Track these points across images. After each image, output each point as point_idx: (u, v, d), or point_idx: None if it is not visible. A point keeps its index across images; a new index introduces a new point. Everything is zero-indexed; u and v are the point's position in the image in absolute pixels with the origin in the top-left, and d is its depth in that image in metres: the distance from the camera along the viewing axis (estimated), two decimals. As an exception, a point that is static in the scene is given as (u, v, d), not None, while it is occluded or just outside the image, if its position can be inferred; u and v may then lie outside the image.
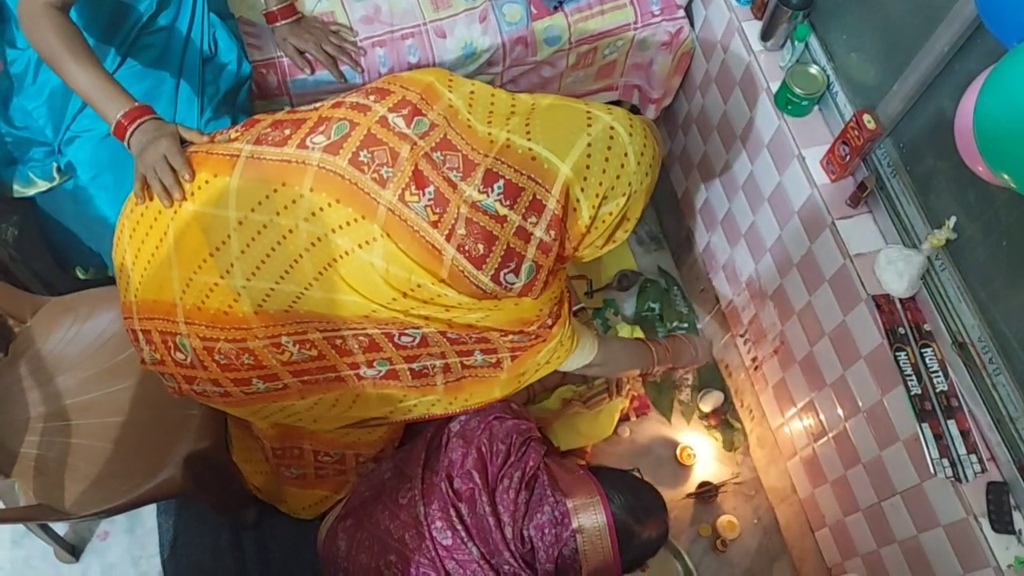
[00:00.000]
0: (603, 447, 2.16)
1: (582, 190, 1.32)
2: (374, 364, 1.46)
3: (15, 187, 1.74)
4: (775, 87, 1.72)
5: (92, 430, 1.60)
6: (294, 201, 1.28)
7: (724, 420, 2.23)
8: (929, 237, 1.43)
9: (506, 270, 1.30)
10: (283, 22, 1.73)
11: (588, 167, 1.32)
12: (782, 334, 1.89)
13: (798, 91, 1.65)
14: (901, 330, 1.49)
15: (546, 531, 1.48)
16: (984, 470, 1.39)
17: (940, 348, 1.47)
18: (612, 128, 1.36)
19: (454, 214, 1.27)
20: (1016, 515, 1.37)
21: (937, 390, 1.44)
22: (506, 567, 1.44)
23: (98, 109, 1.35)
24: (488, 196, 1.28)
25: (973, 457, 1.39)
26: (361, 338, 1.41)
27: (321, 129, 1.32)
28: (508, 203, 1.28)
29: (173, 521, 1.93)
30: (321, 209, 1.27)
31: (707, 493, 2.12)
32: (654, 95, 2.13)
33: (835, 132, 1.65)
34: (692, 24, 2.00)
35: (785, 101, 1.69)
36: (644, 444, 2.19)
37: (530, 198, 1.29)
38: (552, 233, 1.32)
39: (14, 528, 1.93)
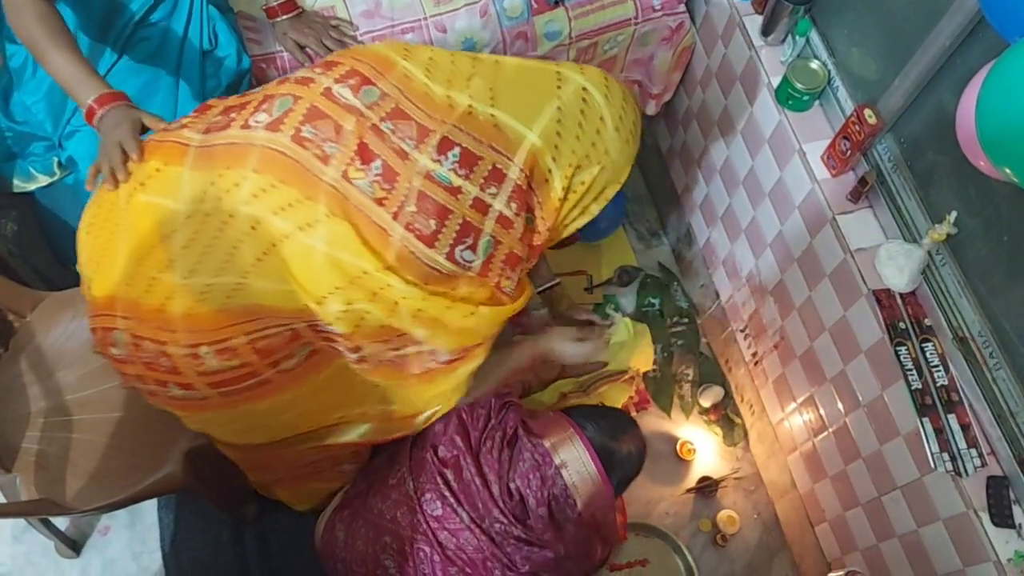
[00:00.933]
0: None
1: (554, 159, 1.25)
2: (294, 354, 1.33)
3: (15, 182, 1.74)
4: (776, 82, 1.72)
5: (93, 425, 1.60)
6: (237, 184, 1.22)
7: (724, 415, 2.23)
8: (930, 232, 1.43)
9: (462, 246, 1.22)
10: (283, 17, 1.73)
11: (559, 134, 1.25)
12: (782, 329, 1.89)
13: (799, 86, 1.65)
14: (902, 325, 1.49)
15: (531, 477, 1.47)
16: (984, 464, 1.39)
17: (941, 343, 1.47)
18: (585, 90, 1.29)
19: (404, 189, 1.19)
20: (1016, 509, 1.37)
21: (937, 384, 1.44)
22: (497, 526, 1.43)
23: (73, 94, 1.33)
24: (442, 165, 1.20)
25: (973, 451, 1.40)
26: (285, 331, 1.29)
27: (264, 107, 1.26)
28: (464, 172, 1.21)
29: (174, 516, 1.93)
30: (264, 190, 1.21)
31: (707, 488, 2.12)
32: (654, 90, 2.13)
33: (836, 127, 1.65)
34: (693, 19, 1.99)
35: (786, 96, 1.69)
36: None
37: (489, 167, 1.22)
38: (514, 206, 1.24)
39: (15, 523, 1.93)
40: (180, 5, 1.58)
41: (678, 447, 2.17)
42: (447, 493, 1.45)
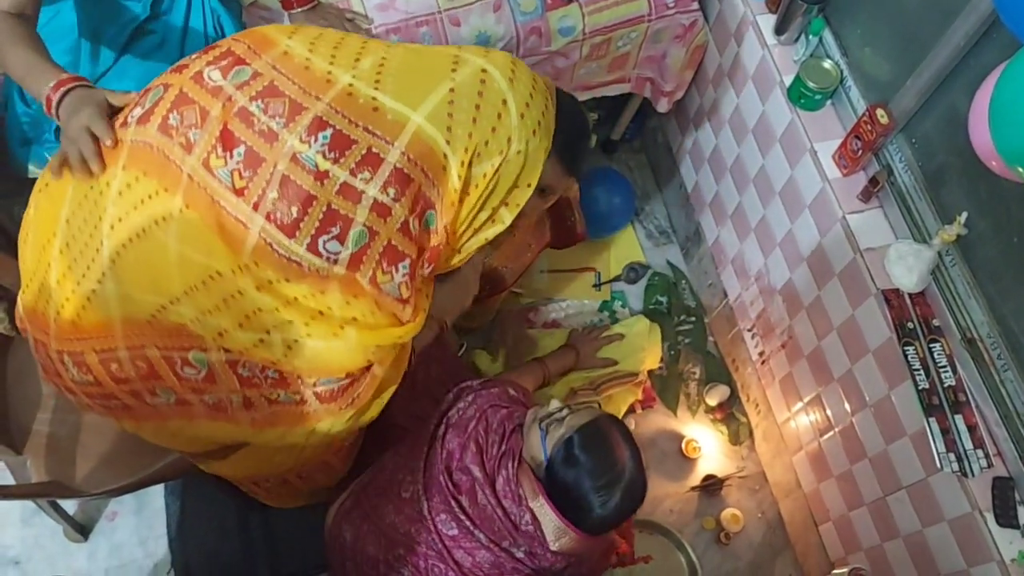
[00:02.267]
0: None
1: (448, 143, 1.14)
2: (157, 392, 1.23)
3: (31, 167, 1.75)
4: (788, 81, 1.72)
5: (103, 409, 1.61)
6: (108, 184, 1.15)
7: (730, 414, 2.23)
8: (940, 232, 1.44)
9: (326, 236, 1.11)
10: (299, 9, 1.73)
11: (451, 115, 1.14)
12: (790, 328, 1.89)
13: (811, 85, 1.65)
14: (910, 325, 1.49)
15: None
16: (990, 465, 1.39)
17: (949, 343, 1.48)
18: (484, 71, 1.19)
19: (267, 175, 1.10)
20: (1021, 510, 1.38)
21: (945, 385, 1.45)
22: (519, 552, 1.41)
23: (30, 88, 1.24)
24: (310, 147, 1.10)
25: (979, 452, 1.40)
26: (139, 363, 1.19)
27: (141, 101, 1.19)
28: (333, 156, 1.10)
29: (180, 502, 1.94)
30: (128, 186, 1.14)
31: (712, 486, 2.13)
32: (667, 88, 2.13)
33: (847, 126, 1.65)
34: (706, 17, 1.99)
35: (798, 95, 1.69)
36: (649, 436, 2.20)
37: (363, 152, 1.11)
38: (392, 191, 1.12)
39: (24, 506, 1.94)
40: (180, 1, 1.59)
41: (683, 445, 2.17)
42: (463, 517, 1.40)
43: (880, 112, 1.51)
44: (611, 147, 2.57)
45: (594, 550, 1.47)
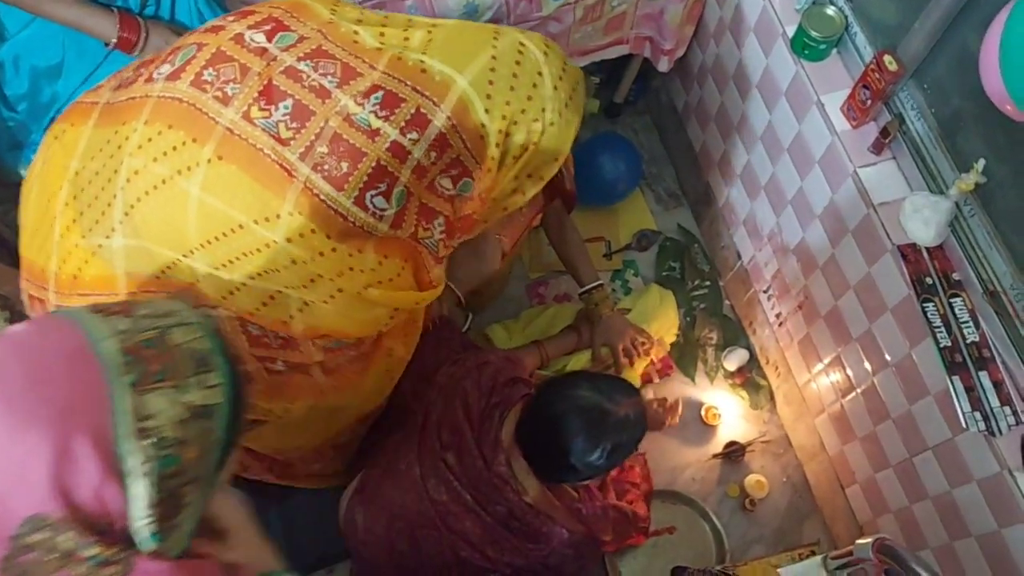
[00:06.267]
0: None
1: (487, 111, 1.17)
2: None
3: (22, 171, 1.73)
4: (791, 31, 1.64)
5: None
6: (127, 138, 1.13)
7: (749, 378, 2.18)
8: (957, 182, 1.37)
9: (373, 191, 1.11)
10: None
11: (492, 82, 1.17)
12: (806, 288, 1.83)
13: (815, 34, 1.57)
14: (929, 280, 1.43)
15: None
16: (1019, 422, 1.34)
17: (970, 297, 1.41)
18: (522, 44, 1.23)
19: (317, 128, 1.09)
20: (1053, 468, 1.32)
21: (968, 341, 1.38)
22: (499, 508, 1.41)
23: (94, 33, 1.38)
24: (364, 108, 1.11)
25: (1007, 409, 1.34)
26: None
27: (169, 58, 1.17)
28: (385, 114, 1.11)
29: (198, 499, 1.94)
30: (149, 139, 1.11)
31: (734, 453, 2.08)
32: (667, 46, 2.06)
33: (855, 76, 1.57)
34: (703, -31, 1.92)
35: (802, 45, 1.61)
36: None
37: (412, 110, 1.12)
38: (432, 155, 1.15)
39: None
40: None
41: (703, 412, 2.13)
42: (451, 477, 1.42)
43: (888, 58, 1.43)
44: (615, 111, 2.50)
45: (575, 538, 1.45)
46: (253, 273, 1.12)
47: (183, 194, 1.10)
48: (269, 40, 1.15)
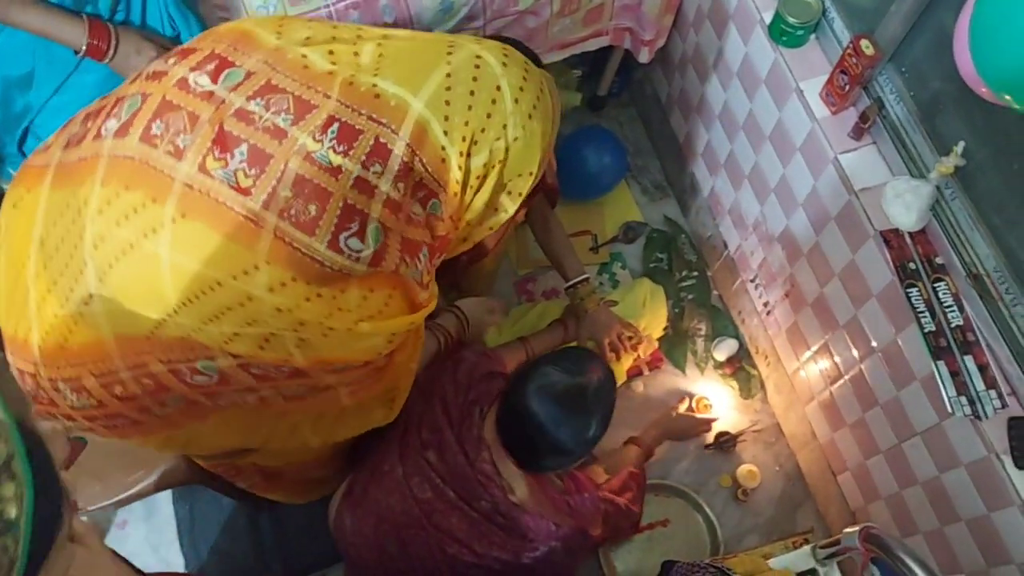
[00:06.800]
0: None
1: (445, 133, 1.12)
2: (167, 403, 1.17)
3: (3, 185, 1.72)
4: (769, 18, 1.63)
5: (93, 423, 1.59)
6: (86, 202, 1.08)
7: (740, 368, 2.18)
8: (937, 165, 1.36)
9: (346, 233, 1.06)
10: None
11: (449, 102, 1.12)
12: (792, 277, 1.82)
13: (792, 20, 1.56)
14: (912, 265, 1.42)
15: None
16: (1005, 405, 1.33)
17: (954, 281, 1.40)
18: (479, 57, 1.17)
19: (277, 172, 1.04)
20: (1040, 450, 1.32)
21: (952, 325, 1.38)
22: (484, 504, 1.41)
23: (64, 41, 1.38)
24: (322, 145, 1.05)
25: (992, 393, 1.33)
26: (145, 381, 1.12)
27: (114, 112, 1.12)
28: (343, 149, 1.06)
29: (189, 507, 1.94)
30: (108, 203, 1.07)
31: (726, 443, 2.08)
32: (646, 36, 2.04)
33: (834, 61, 1.56)
34: (680, -42, 1.90)
35: (780, 32, 1.60)
36: (659, 398, 2.15)
37: (371, 142, 1.08)
38: (401, 187, 1.10)
39: (34, 523, 1.94)
40: (133, 5, 1.53)
41: (694, 403, 2.12)
42: (432, 474, 1.42)
43: (865, 43, 1.42)
44: (598, 104, 2.49)
45: (563, 531, 1.45)
46: (241, 323, 1.08)
47: (153, 257, 1.06)
48: (214, 81, 1.10)
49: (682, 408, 2.10)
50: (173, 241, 1.05)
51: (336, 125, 1.07)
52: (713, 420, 2.07)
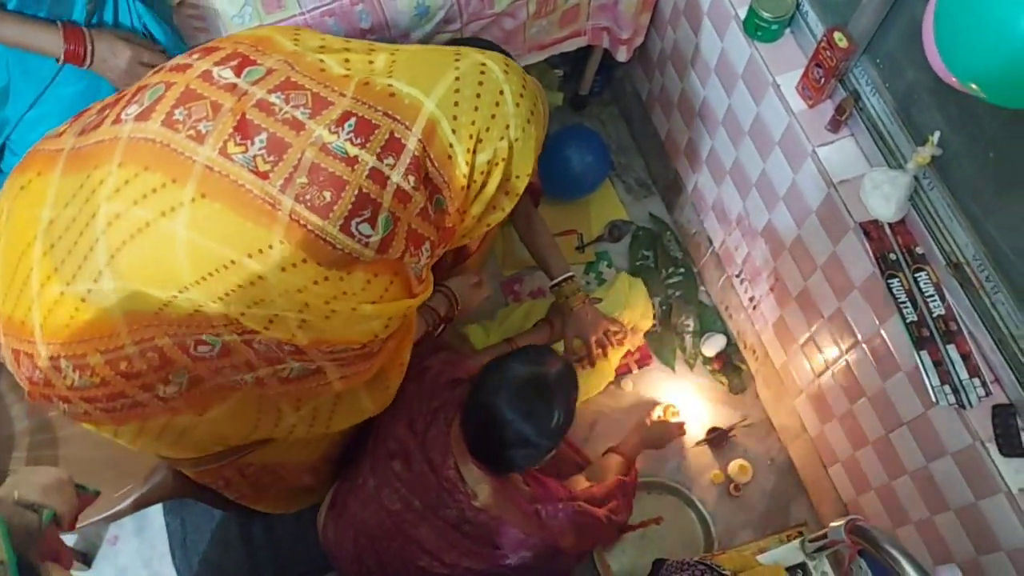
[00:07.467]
0: (604, 401, 2.11)
1: (453, 131, 1.21)
2: (170, 379, 1.20)
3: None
4: (743, 13, 1.63)
5: (78, 440, 1.58)
6: (102, 182, 1.13)
7: (729, 363, 2.17)
8: (914, 155, 1.36)
9: (358, 219, 1.13)
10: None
11: (457, 103, 1.21)
12: (776, 271, 1.82)
13: (766, 15, 1.56)
14: (892, 256, 1.42)
15: None
16: (988, 393, 1.33)
17: (935, 271, 1.41)
18: (483, 64, 1.26)
19: (294, 160, 1.11)
20: (1025, 436, 1.32)
21: (934, 315, 1.38)
22: (450, 512, 1.41)
23: (40, 50, 1.36)
24: (339, 136, 1.13)
25: (976, 381, 1.34)
26: (150, 355, 1.17)
27: (136, 99, 1.18)
28: (360, 141, 1.13)
29: (180, 519, 1.93)
30: (126, 182, 1.11)
31: (717, 439, 2.08)
32: (624, 35, 2.04)
33: (809, 55, 1.56)
34: (654, -44, 1.90)
35: (754, 27, 1.60)
36: (649, 396, 2.15)
37: (386, 136, 1.15)
38: (412, 180, 1.17)
39: (26, 541, 1.93)
40: (106, 10, 1.53)
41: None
42: (399, 484, 1.43)
43: (838, 35, 1.42)
44: (580, 103, 2.49)
45: (531, 540, 1.44)
46: (250, 303, 1.14)
47: (170, 235, 1.10)
48: (237, 75, 1.17)
49: (654, 415, 2.09)
50: (190, 220, 1.10)
51: (353, 120, 1.14)
52: (683, 423, 2.05)
